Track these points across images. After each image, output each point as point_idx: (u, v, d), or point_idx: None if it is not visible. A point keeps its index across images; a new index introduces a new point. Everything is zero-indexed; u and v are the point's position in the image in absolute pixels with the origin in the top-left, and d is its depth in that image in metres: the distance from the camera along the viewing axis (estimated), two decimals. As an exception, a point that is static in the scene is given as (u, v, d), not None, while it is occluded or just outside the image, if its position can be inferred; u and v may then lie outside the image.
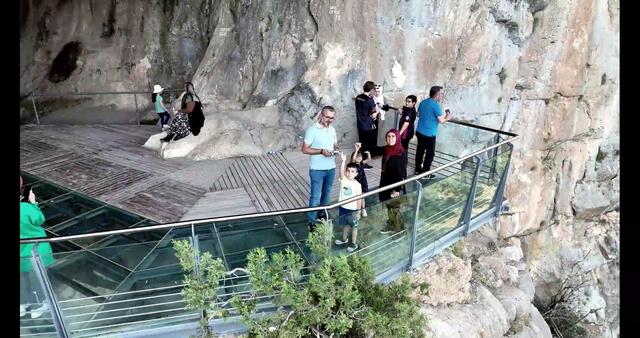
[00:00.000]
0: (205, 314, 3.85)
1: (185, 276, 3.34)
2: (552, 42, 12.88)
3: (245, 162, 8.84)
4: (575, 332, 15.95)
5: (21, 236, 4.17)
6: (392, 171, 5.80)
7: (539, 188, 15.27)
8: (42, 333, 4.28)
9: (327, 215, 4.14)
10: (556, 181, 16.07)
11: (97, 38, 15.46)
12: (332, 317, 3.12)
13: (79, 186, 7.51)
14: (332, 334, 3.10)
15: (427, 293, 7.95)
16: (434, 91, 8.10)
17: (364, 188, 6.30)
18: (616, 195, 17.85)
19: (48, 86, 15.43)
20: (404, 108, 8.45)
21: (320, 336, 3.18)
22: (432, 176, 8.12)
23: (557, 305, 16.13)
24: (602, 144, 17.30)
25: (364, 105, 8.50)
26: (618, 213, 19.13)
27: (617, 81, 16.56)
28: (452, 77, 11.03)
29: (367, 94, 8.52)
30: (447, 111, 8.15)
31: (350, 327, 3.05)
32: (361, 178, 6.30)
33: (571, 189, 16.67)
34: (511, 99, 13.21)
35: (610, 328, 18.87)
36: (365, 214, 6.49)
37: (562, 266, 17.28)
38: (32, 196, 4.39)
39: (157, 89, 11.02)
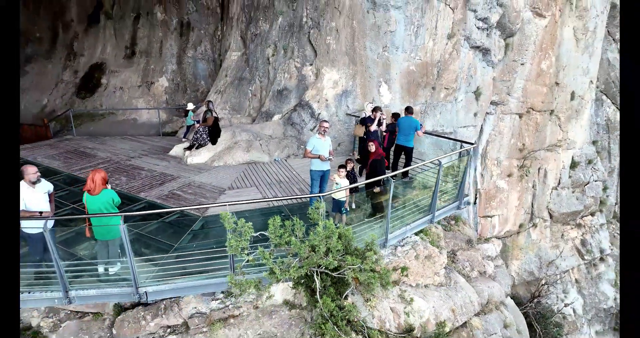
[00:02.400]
0: (233, 268, 5.51)
1: (228, 234, 5.02)
2: (522, 64, 14.72)
3: (256, 167, 10.56)
4: (552, 326, 17.43)
5: (99, 215, 5.83)
6: (374, 171, 7.52)
7: (516, 193, 16.95)
8: (119, 283, 5.94)
9: (321, 199, 5.83)
10: (533, 187, 17.76)
11: (120, 59, 17.33)
12: (323, 258, 4.77)
13: (121, 186, 9.21)
14: (324, 268, 4.75)
15: (406, 275, 9.69)
16: (412, 111, 9.86)
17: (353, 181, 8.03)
18: (589, 201, 19.51)
19: (75, 102, 17.24)
20: (363, 120, 10.16)
21: (315, 271, 4.82)
22: (410, 178, 9.83)
23: (535, 300, 17.67)
24: (575, 154, 19.04)
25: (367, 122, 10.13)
26: (592, 218, 20.76)
27: (586, 96, 18.38)
28: (432, 95, 12.82)
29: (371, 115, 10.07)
30: (421, 125, 9.88)
31: (336, 265, 4.69)
32: (352, 178, 8.02)
33: (547, 195, 18.35)
34: (487, 113, 14.99)
35: (588, 325, 20.35)
36: (354, 206, 8.19)
37: (541, 265, 18.84)
38: (109, 185, 6.06)
39: (190, 106, 12.75)
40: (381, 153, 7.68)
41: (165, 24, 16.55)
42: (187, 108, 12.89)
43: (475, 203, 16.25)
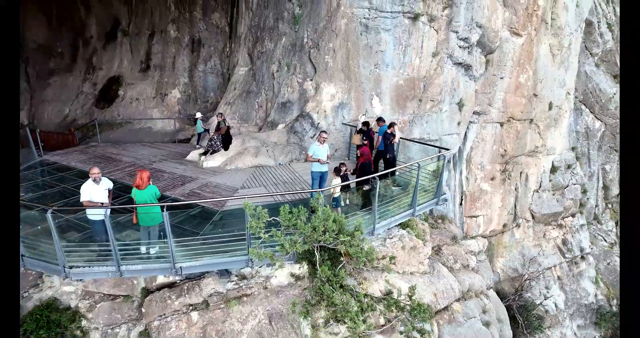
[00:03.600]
0: (249, 253, 7.02)
1: (249, 218, 6.53)
2: (501, 78, 16.32)
3: (263, 170, 12.09)
4: (534, 318, 18.84)
5: (145, 205, 7.33)
6: (363, 172, 9.05)
7: (499, 195, 18.47)
8: (158, 261, 7.44)
9: (321, 194, 7.35)
10: (515, 189, 19.28)
11: (136, 73, 18.92)
12: (322, 236, 6.26)
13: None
14: (323, 242, 6.26)
15: (394, 263, 11.18)
16: (384, 120, 11.41)
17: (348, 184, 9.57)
18: (569, 203, 21.02)
19: (95, 112, 18.80)
20: (363, 132, 11.70)
21: (316, 247, 6.33)
22: (393, 178, 11.35)
23: (518, 294, 19.12)
24: (555, 159, 20.60)
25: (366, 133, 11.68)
26: (573, 219, 22.26)
27: (564, 106, 19.98)
28: (419, 107, 14.39)
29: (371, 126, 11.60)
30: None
31: (332, 242, 6.19)
32: (345, 179, 9.57)
33: (529, 197, 19.88)
34: (471, 122, 16.57)
35: (570, 319, 21.75)
36: (348, 202, 9.72)
37: (524, 263, 20.29)
38: (150, 181, 7.56)
39: (198, 115, 14.29)
40: (369, 157, 9.22)
41: (178, 41, 18.17)
42: (196, 117, 14.41)
43: (461, 204, 17.76)
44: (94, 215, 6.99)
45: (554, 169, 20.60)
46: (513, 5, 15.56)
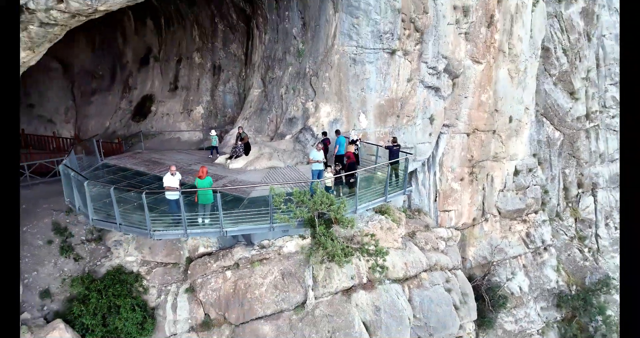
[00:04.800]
0: (272, 219, 10.77)
1: (274, 195, 10.26)
2: (465, 97, 20.13)
3: (275, 170, 15.83)
4: (499, 297, 22.36)
5: (205, 188, 11.04)
6: (349, 169, 12.81)
7: (468, 193, 22.17)
8: (207, 227, 11.15)
9: (319, 183, 11.10)
10: (482, 189, 22.98)
11: (166, 92, 22.76)
12: (320, 206, 9.98)
13: (192, 182, 14.43)
14: (319, 211, 9.99)
15: (374, 239, 14.74)
16: (339, 132, 15.25)
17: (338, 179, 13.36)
18: (530, 201, 24.73)
19: (131, 125, 22.60)
20: (353, 142, 15.47)
21: (316, 214, 10.05)
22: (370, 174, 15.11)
23: (485, 277, 22.69)
24: (517, 164, 24.35)
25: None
26: (536, 215, 25.93)
27: (523, 119, 23.77)
28: (397, 121, 18.19)
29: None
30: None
31: (326, 210, 9.91)
32: (339, 173, 13.37)
33: (494, 196, 23.58)
34: (441, 133, 20.34)
35: (534, 302, 25.25)
36: (334, 192, 13.49)
37: (492, 251, 23.89)
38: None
39: (213, 132, 17.87)
40: (353, 159, 12.99)
41: (202, 66, 22.04)
42: (211, 134, 17.89)
43: (435, 200, 21.47)
44: (171, 195, 10.73)
45: (516, 172, 24.35)
46: (473, 40, 19.44)
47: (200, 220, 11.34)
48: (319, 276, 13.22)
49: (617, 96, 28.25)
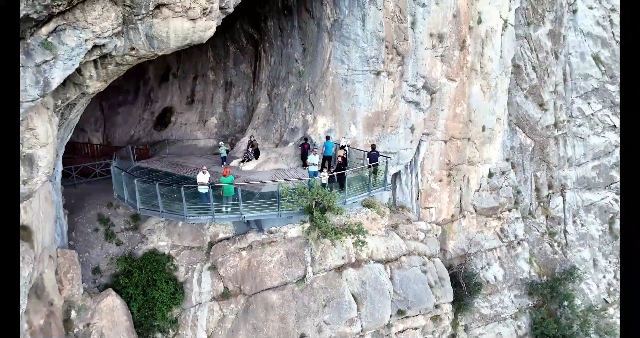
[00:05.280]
0: (280, 206, 14.09)
1: (282, 188, 13.57)
2: (442, 110, 23.50)
3: (280, 171, 19.14)
4: (474, 284, 25.55)
5: (229, 183, 14.37)
6: (339, 169, 16.14)
7: (446, 193, 25.47)
8: (230, 213, 14.48)
9: (316, 180, 14.43)
10: (459, 189, 26.30)
11: (184, 105, 26.13)
12: (316, 196, 13.26)
13: (212, 180, 17.76)
14: (316, 200, 13.29)
15: (361, 227, 17.95)
16: (329, 137, 18.61)
17: (332, 177, 16.70)
18: (503, 200, 28.01)
19: (153, 133, 25.94)
20: (342, 147, 18.81)
21: (313, 203, 13.35)
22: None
23: (463, 266, 25.90)
24: (491, 167, 27.68)
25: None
26: (509, 213, 29.20)
27: (496, 128, 27.14)
28: (383, 130, 21.54)
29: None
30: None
31: (321, 199, 13.21)
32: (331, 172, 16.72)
33: (471, 195, 26.89)
34: (422, 140, 23.68)
35: (508, 290, 28.43)
36: (328, 188, 16.83)
37: (470, 244, 27.14)
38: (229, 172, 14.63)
39: (222, 145, 21.03)
40: (343, 161, 16.36)
41: (215, 83, 25.44)
42: (220, 147, 20.98)
43: (417, 198, 24.77)
44: (202, 189, 14.06)
45: (490, 175, 27.69)
46: (448, 61, 22.86)
47: (224, 209, 14.66)
48: (316, 256, 16.53)
49: (583, 108, 31.68)
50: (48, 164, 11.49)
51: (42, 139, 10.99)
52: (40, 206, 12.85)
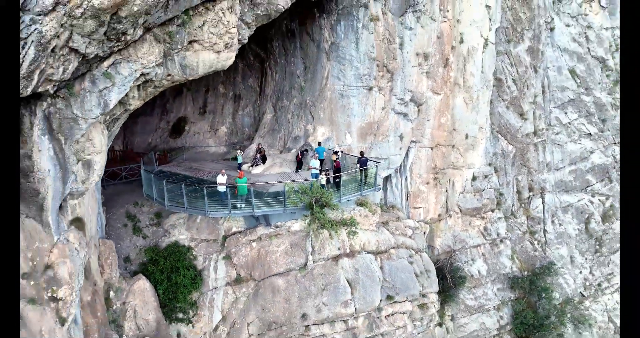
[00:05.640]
0: (285, 202, 16.89)
1: (286, 186, 16.38)
2: (428, 120, 26.35)
3: (285, 174, 21.94)
4: (458, 277, 28.22)
5: (243, 184, 17.20)
6: (336, 171, 18.97)
7: (433, 194, 28.26)
8: (244, 209, 17.28)
9: (317, 181, 17.24)
10: (445, 191, 29.08)
11: (196, 115, 28.98)
12: (316, 194, 16.04)
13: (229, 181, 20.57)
14: (315, 197, 16.10)
15: (355, 223, 20.76)
16: (320, 143, 21.47)
17: (329, 178, 19.54)
18: (485, 201, 30.77)
19: (169, 141, 28.76)
20: (335, 153, 21.64)
21: (314, 200, 16.14)
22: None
23: (449, 260, 28.59)
24: (475, 171, 30.46)
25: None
26: (492, 213, 31.93)
27: (479, 136, 29.96)
28: (375, 138, 24.35)
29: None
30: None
31: (319, 196, 15.99)
32: (328, 175, 19.55)
33: (456, 197, 29.66)
34: (410, 147, 26.50)
35: (491, 283, 31.10)
36: (327, 188, 19.65)
37: (455, 241, 29.87)
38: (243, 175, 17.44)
39: (239, 152, 23.84)
40: (338, 165, 19.20)
41: (225, 95, 28.32)
42: (237, 154, 23.84)
43: (407, 199, 27.54)
44: (221, 188, 16.86)
45: (474, 178, 30.49)
46: (433, 77, 25.76)
47: (238, 205, 17.45)
48: (316, 247, 19.31)
49: (560, 117, 34.59)
50: (101, 168, 14.33)
51: (97, 148, 13.82)
52: (89, 202, 15.67)
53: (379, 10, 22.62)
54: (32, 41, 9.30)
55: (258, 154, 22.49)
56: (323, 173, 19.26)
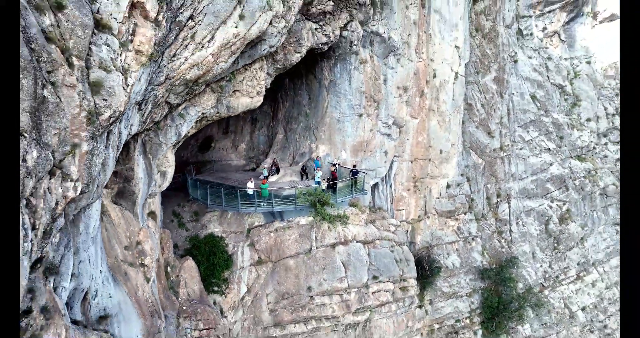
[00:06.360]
0: (296, 201, 23.37)
1: (297, 191, 22.84)
2: (408, 139, 32.88)
3: (294, 182, 28.39)
4: (435, 267, 34.44)
5: (265, 188, 23.72)
6: (333, 179, 25.42)
7: (413, 199, 34.63)
8: (265, 207, 23.77)
9: (319, 186, 23.70)
10: (424, 197, 35.45)
11: (221, 134, 35.53)
12: (319, 195, 22.49)
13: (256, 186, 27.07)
14: (318, 198, 22.50)
15: (347, 219, 27.31)
16: (318, 158, 27.97)
17: (329, 185, 26.04)
18: (458, 205, 37.08)
19: (198, 155, 35.27)
20: (333, 165, 28.14)
21: (317, 200, 22.50)
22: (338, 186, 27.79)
23: (427, 253, 34.85)
24: (449, 180, 36.85)
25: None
26: (465, 215, 38.23)
27: (451, 152, 36.42)
28: (364, 154, 30.84)
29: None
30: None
31: (321, 197, 22.37)
32: (328, 182, 26.05)
33: (433, 201, 36.01)
34: (393, 161, 32.98)
35: (464, 274, 37.27)
36: (327, 192, 26.14)
37: (433, 239, 36.14)
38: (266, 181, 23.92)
39: (265, 167, 30.42)
40: (335, 175, 25.70)
41: (244, 118, 34.92)
42: (264, 167, 30.45)
43: (391, 202, 33.90)
44: (250, 191, 23.33)
45: (448, 186, 36.89)
46: (411, 105, 32.38)
47: (262, 204, 23.90)
48: (318, 236, 25.69)
49: (523, 135, 41.16)
50: (171, 176, 20.83)
51: (170, 163, 20.35)
52: (157, 201, 22.15)
53: (367, 55, 29.36)
54: (150, 100, 15.90)
55: (273, 166, 29.02)
56: (324, 180, 25.73)
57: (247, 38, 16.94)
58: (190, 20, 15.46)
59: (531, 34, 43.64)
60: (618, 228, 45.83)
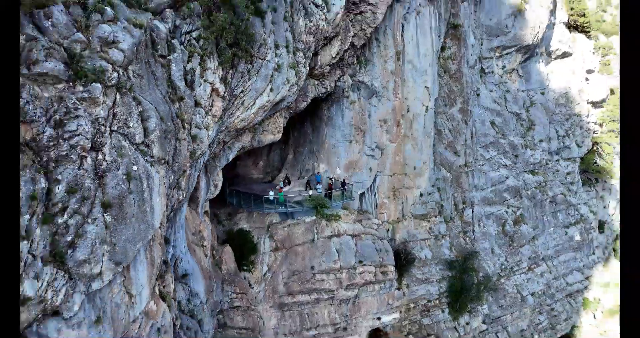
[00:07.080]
0: (303, 204, 33.57)
1: (307, 197, 33.06)
2: (387, 159, 43.06)
3: (302, 191, 38.61)
4: (411, 258, 44.32)
5: (281, 195, 34.06)
6: (329, 190, 35.66)
7: (393, 205, 44.64)
8: (282, 208, 34.07)
9: (321, 194, 33.92)
10: (401, 203, 45.46)
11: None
12: (320, 201, 32.55)
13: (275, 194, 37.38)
14: (319, 203, 32.66)
15: (339, 216, 37.64)
16: (318, 173, 38.26)
17: (327, 193, 36.32)
18: (429, 210, 47.00)
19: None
20: (330, 179, 38.38)
21: (318, 204, 32.66)
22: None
23: (404, 247, 44.77)
24: (422, 190, 46.85)
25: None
26: (436, 218, 48.15)
27: (423, 168, 46.51)
28: (354, 170, 41.12)
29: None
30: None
31: (322, 202, 32.52)
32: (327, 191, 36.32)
33: (409, 206, 45.98)
34: (376, 175, 43.10)
35: (435, 265, 47.16)
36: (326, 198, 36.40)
37: (409, 236, 46.04)
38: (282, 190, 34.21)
39: (281, 181, 40.64)
40: (331, 187, 35.96)
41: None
42: (280, 181, 40.65)
43: (375, 207, 43.94)
44: (272, 197, 33.58)
45: (421, 195, 46.92)
46: (390, 133, 42.66)
47: (280, 207, 34.12)
48: (319, 230, 35.87)
49: (484, 154, 51.30)
50: (219, 188, 31.16)
51: (220, 178, 30.70)
52: (208, 204, 32.48)
53: (356, 97, 39.83)
54: (215, 141, 26.27)
55: (286, 180, 39.36)
56: (323, 190, 35.96)
57: (274, 101, 27.38)
58: (241, 93, 25.92)
59: (492, 72, 54.01)
60: (567, 230, 55.72)
